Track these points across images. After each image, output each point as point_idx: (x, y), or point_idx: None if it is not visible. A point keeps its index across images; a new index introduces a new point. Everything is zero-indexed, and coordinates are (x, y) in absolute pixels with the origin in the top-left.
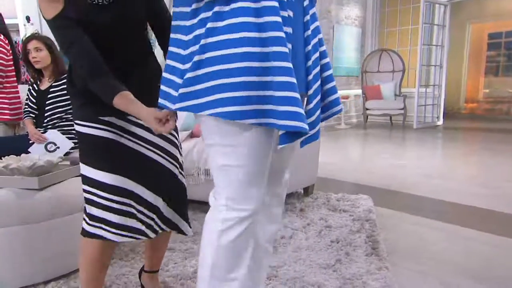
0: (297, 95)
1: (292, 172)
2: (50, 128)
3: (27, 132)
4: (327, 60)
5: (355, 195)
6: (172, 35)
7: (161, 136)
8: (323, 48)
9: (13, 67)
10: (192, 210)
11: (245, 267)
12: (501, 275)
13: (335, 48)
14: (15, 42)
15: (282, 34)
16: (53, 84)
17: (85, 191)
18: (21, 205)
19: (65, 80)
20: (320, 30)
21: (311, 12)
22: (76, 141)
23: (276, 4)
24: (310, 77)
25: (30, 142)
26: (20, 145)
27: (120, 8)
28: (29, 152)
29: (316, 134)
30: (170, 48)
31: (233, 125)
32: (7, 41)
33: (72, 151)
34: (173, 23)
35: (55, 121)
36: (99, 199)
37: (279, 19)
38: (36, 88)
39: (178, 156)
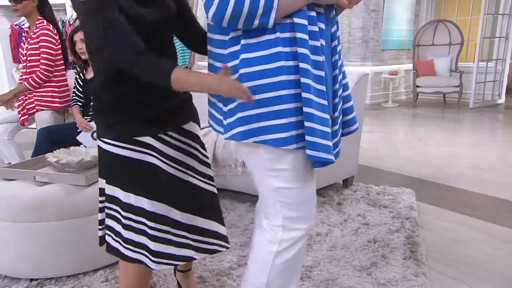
0: (325, 128)
1: None
2: None
3: (75, 120)
4: (346, 80)
5: (397, 188)
6: (209, 61)
7: (194, 157)
8: (344, 68)
9: (61, 56)
10: (229, 200)
11: (297, 281)
12: None
13: (385, 20)
14: (62, 21)
15: (308, 66)
16: None
17: (114, 211)
18: (71, 200)
19: None
20: (341, 53)
21: (338, 34)
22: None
23: (306, 36)
24: (337, 99)
25: (78, 130)
26: (69, 133)
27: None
28: (77, 140)
29: (338, 153)
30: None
31: (278, 150)
32: (55, 31)
33: None
34: (211, 48)
35: None
36: (137, 224)
37: (307, 51)
38: (82, 77)
39: (211, 173)
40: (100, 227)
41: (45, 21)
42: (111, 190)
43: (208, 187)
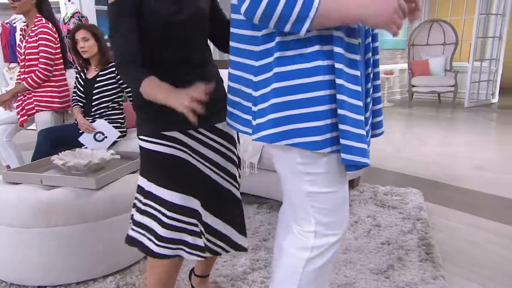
0: (360, 131)
1: None
2: (98, 117)
3: (75, 121)
4: (378, 82)
5: (403, 188)
6: (234, 58)
7: (222, 155)
8: (377, 69)
9: (60, 55)
10: None
11: (328, 286)
12: None
13: None
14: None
15: (342, 66)
16: (100, 73)
17: (152, 208)
18: (80, 205)
19: (111, 69)
20: (377, 51)
21: (373, 32)
22: (122, 133)
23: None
24: (369, 99)
25: (80, 131)
26: (70, 134)
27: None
28: (79, 142)
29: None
30: (234, 72)
31: (311, 154)
32: (54, 29)
33: (118, 140)
34: (236, 44)
35: (102, 110)
36: (168, 219)
37: (342, 50)
38: (84, 77)
39: (236, 173)
40: (134, 227)
41: (43, 19)
42: (145, 184)
43: (234, 190)
